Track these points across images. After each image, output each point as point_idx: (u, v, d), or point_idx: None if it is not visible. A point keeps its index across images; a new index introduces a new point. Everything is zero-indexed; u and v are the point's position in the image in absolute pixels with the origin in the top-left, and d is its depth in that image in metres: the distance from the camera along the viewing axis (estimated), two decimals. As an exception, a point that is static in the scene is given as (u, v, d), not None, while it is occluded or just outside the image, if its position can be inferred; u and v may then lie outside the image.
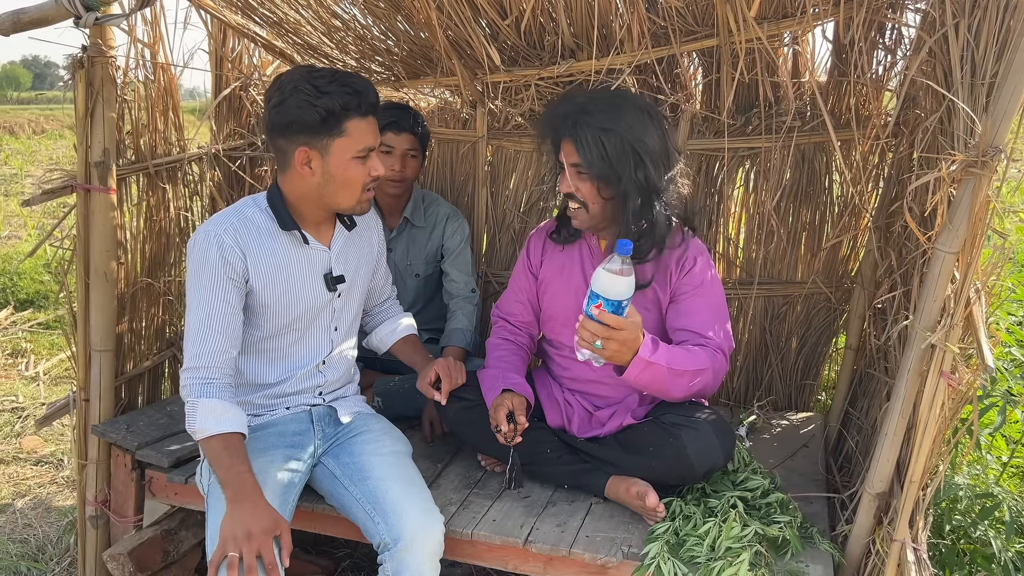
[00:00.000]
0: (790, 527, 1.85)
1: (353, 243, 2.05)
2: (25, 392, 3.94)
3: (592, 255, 2.17)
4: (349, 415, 2.07)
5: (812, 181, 2.67)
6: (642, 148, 1.94)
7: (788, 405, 2.82)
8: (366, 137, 1.83)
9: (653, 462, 1.98)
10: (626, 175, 1.95)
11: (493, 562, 1.96)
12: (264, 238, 1.89)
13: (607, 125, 1.94)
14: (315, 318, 1.99)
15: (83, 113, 2.07)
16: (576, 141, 1.96)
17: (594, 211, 2.02)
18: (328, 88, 1.76)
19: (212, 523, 1.76)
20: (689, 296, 2.05)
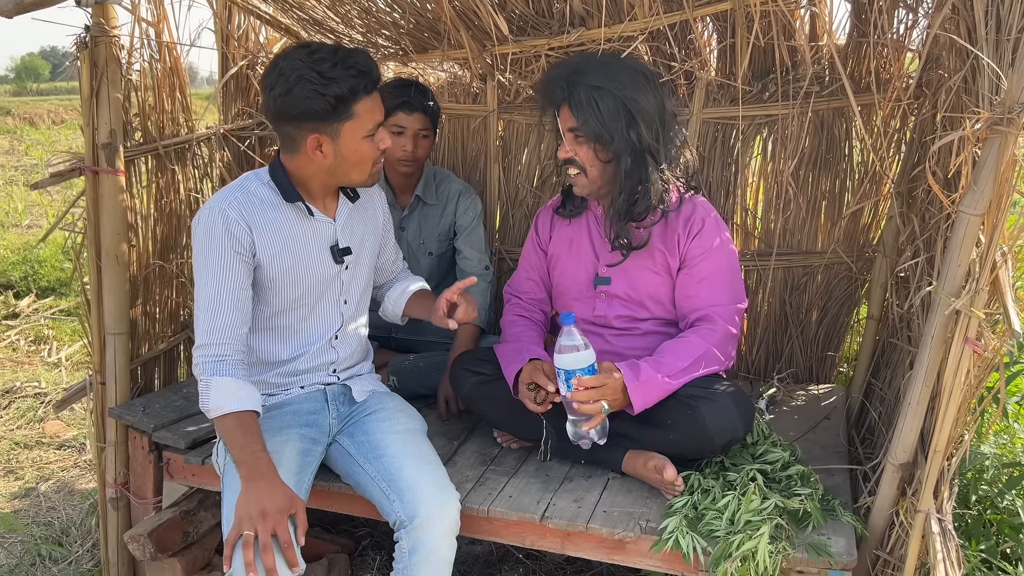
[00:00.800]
0: (811, 499, 1.81)
1: (357, 215, 2.02)
2: (48, 378, 3.97)
3: (599, 224, 2.15)
4: (364, 393, 2.06)
5: (831, 148, 2.61)
6: (634, 107, 1.93)
7: (809, 377, 2.77)
8: (374, 114, 1.81)
9: (671, 435, 1.95)
10: (618, 134, 1.94)
11: (510, 538, 1.95)
12: (269, 211, 1.86)
13: (599, 83, 1.93)
14: (324, 292, 1.97)
15: (88, 94, 2.06)
16: (570, 102, 1.95)
17: (593, 175, 2.01)
18: (333, 73, 1.71)
19: (228, 503, 1.76)
20: (698, 263, 2.04)
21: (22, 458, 3.18)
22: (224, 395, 1.76)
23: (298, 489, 1.81)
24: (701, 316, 2.04)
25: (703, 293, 2.04)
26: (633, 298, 2.12)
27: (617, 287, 2.12)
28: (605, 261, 2.13)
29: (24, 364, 4.25)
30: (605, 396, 1.88)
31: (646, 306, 2.12)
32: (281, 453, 1.83)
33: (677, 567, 1.80)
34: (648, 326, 2.13)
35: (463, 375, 2.17)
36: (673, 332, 2.11)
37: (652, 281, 2.09)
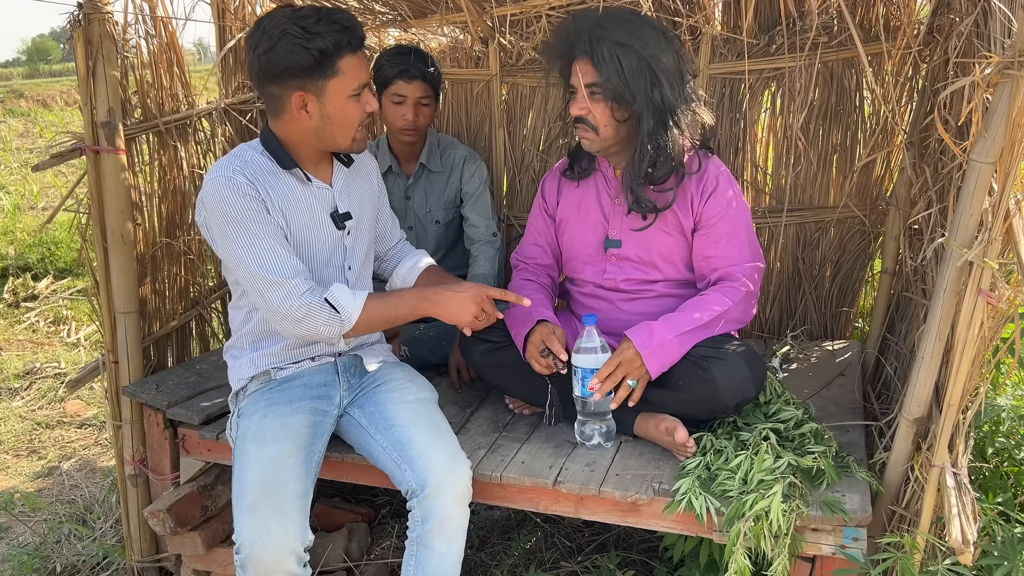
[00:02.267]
0: (824, 457, 1.80)
1: (353, 180, 2.02)
2: (67, 358, 4.03)
3: (608, 185, 2.12)
4: (375, 363, 2.06)
5: (841, 100, 2.55)
6: (658, 66, 1.90)
7: (823, 334, 2.75)
8: (359, 73, 1.79)
9: (683, 396, 1.94)
10: (641, 94, 1.90)
11: (524, 504, 1.95)
12: (270, 178, 1.84)
13: (624, 40, 1.88)
14: (328, 258, 1.96)
15: (84, 73, 2.04)
16: (592, 57, 1.90)
17: (606, 134, 1.98)
18: (316, 28, 1.70)
19: (238, 474, 1.78)
20: (715, 223, 2.02)
21: (44, 438, 3.23)
22: (346, 298, 1.81)
23: (309, 461, 1.82)
24: (722, 275, 2.03)
25: (722, 252, 2.02)
26: (645, 259, 2.09)
27: (628, 249, 2.10)
28: (615, 224, 2.10)
29: (44, 345, 4.31)
30: (624, 372, 1.90)
31: (658, 267, 2.10)
32: (292, 427, 1.84)
33: (691, 528, 1.80)
34: (659, 288, 2.10)
35: (472, 343, 2.16)
36: (684, 294, 2.08)
37: (664, 242, 2.06)
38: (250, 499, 1.72)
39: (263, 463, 1.76)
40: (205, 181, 1.80)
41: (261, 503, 1.70)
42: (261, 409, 1.88)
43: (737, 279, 2.00)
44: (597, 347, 1.93)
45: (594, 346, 1.93)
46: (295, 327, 1.80)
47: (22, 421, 3.38)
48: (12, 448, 3.16)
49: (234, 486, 1.78)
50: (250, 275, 1.79)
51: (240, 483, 1.76)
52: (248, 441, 1.82)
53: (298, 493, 1.75)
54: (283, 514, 1.70)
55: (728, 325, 1.99)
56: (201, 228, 1.87)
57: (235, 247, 1.78)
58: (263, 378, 1.98)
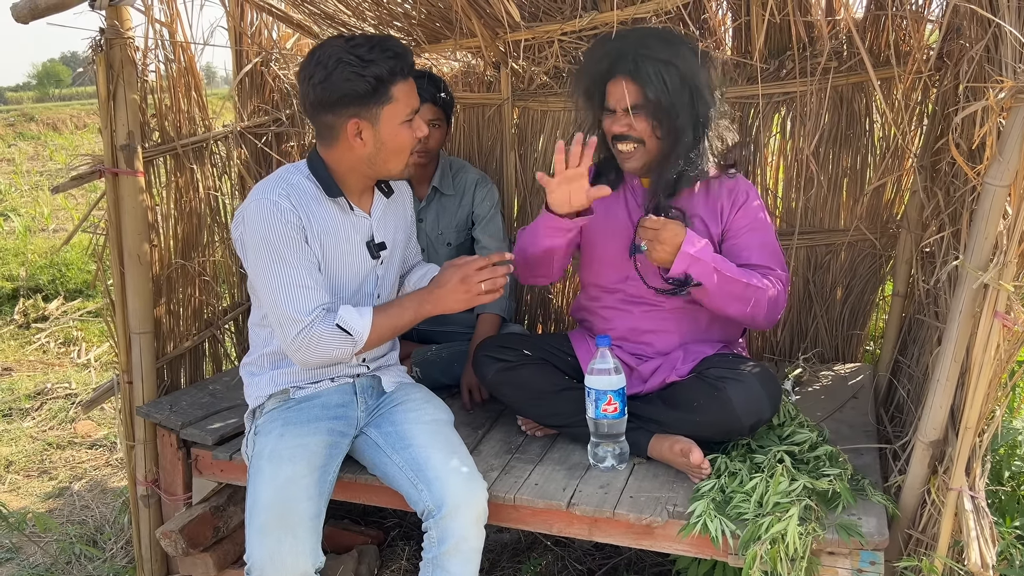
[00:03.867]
0: (840, 480, 1.79)
1: (391, 210, 2.04)
2: (78, 379, 4.04)
3: (635, 194, 2.15)
4: (392, 384, 2.08)
5: (852, 124, 2.57)
6: (696, 82, 1.96)
7: (835, 357, 2.74)
8: (411, 99, 1.83)
9: (698, 418, 1.94)
10: (684, 111, 1.95)
11: (538, 526, 1.95)
12: (313, 204, 1.87)
13: (667, 57, 1.94)
14: (360, 285, 1.98)
15: (105, 96, 2.07)
16: (638, 76, 1.94)
17: (650, 148, 2.02)
18: (371, 56, 1.74)
19: (251, 493, 1.78)
20: (746, 232, 2.06)
21: (55, 458, 3.23)
22: (355, 318, 1.83)
23: (323, 481, 1.82)
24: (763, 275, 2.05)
25: (753, 261, 2.05)
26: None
27: None
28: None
29: (54, 366, 4.32)
30: (658, 238, 1.90)
31: None
32: (308, 447, 1.85)
33: (706, 551, 1.79)
34: (675, 304, 2.10)
35: (486, 362, 2.17)
36: (699, 312, 2.09)
37: None
38: (262, 520, 1.72)
39: (277, 483, 1.76)
40: (249, 199, 1.82)
41: (273, 524, 1.71)
42: (278, 428, 1.89)
43: (770, 276, 2.03)
44: (611, 368, 1.93)
45: (608, 367, 1.93)
46: (308, 356, 1.83)
47: (33, 441, 3.38)
48: (23, 468, 3.17)
49: (247, 505, 1.78)
50: (274, 304, 1.81)
51: (253, 502, 1.76)
52: (264, 460, 1.82)
53: (311, 514, 1.76)
54: (295, 536, 1.70)
55: (757, 304, 1.97)
56: (235, 242, 1.89)
57: (267, 274, 1.80)
58: (281, 396, 1.99)
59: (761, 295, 1.98)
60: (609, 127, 2.04)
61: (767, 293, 1.99)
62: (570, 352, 2.24)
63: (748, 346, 2.63)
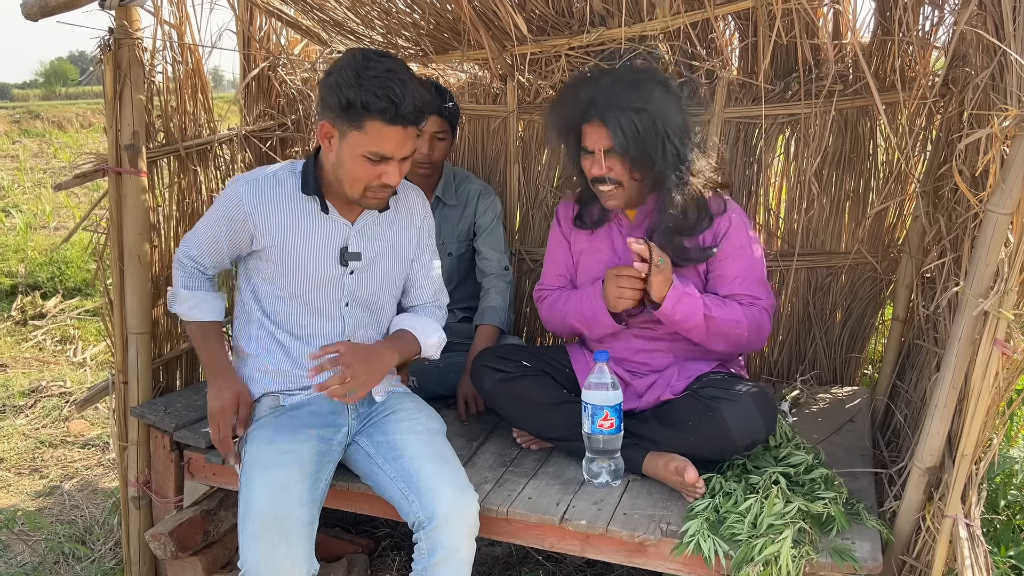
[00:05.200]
0: (835, 503, 1.79)
1: (383, 226, 2.01)
2: (73, 377, 4.02)
3: (621, 228, 2.15)
4: (383, 394, 2.06)
5: (855, 147, 2.57)
6: (670, 125, 1.96)
7: (833, 379, 2.74)
8: (384, 144, 1.78)
9: (693, 436, 1.94)
10: (659, 156, 1.96)
11: (530, 540, 1.94)
12: (284, 200, 1.92)
13: (638, 105, 1.93)
14: (325, 291, 1.98)
15: (112, 96, 2.08)
16: (608, 124, 1.94)
17: (629, 189, 2.03)
18: (367, 83, 1.71)
19: (244, 499, 1.78)
20: (730, 260, 2.06)
21: (47, 456, 3.22)
22: (187, 305, 2.03)
23: (315, 488, 1.82)
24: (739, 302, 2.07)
25: (737, 291, 2.07)
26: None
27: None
28: (628, 262, 2.12)
29: (50, 364, 4.30)
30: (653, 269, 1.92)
31: None
32: (299, 453, 1.84)
33: (698, 571, 1.78)
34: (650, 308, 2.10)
35: (484, 372, 2.16)
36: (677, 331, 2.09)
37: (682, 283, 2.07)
38: (256, 526, 1.71)
39: (270, 490, 1.75)
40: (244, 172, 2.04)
41: (267, 530, 1.70)
42: (268, 435, 1.88)
43: (754, 305, 2.06)
44: (608, 383, 1.93)
45: (605, 382, 1.93)
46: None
47: (25, 439, 3.37)
48: (14, 466, 3.15)
49: (240, 511, 1.77)
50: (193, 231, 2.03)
51: (246, 509, 1.75)
52: (256, 467, 1.81)
53: (304, 521, 1.75)
54: (289, 542, 1.69)
55: (738, 337, 2.02)
56: None
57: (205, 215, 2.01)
58: (271, 403, 1.98)
59: (740, 327, 2.01)
60: (588, 169, 2.05)
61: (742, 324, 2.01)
62: (568, 365, 2.24)
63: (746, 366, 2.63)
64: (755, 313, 2.05)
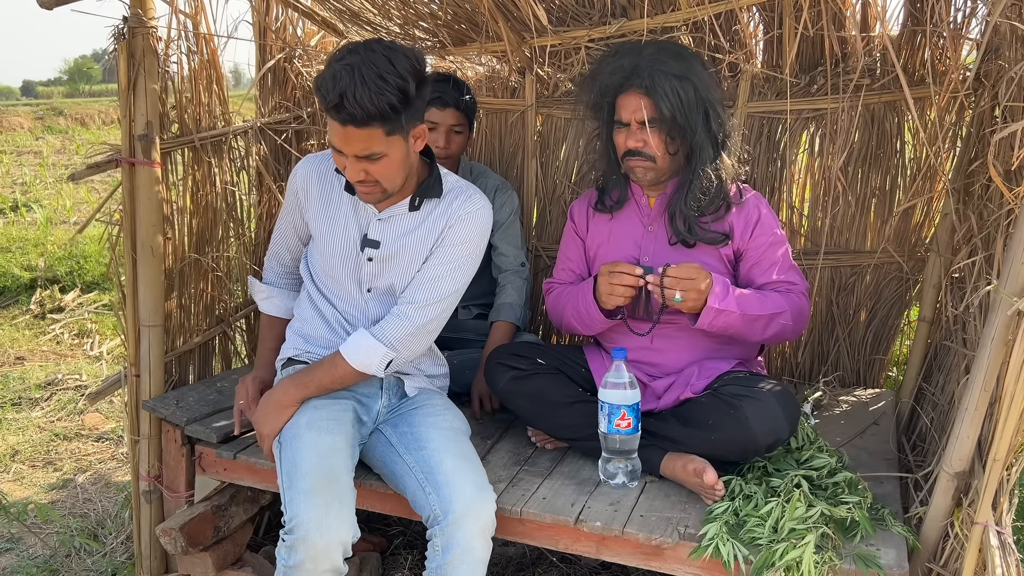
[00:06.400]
0: (859, 508, 1.73)
1: (412, 223, 1.93)
2: (89, 371, 4.02)
3: (641, 213, 2.11)
4: (415, 389, 2.07)
5: (882, 143, 2.51)
6: (710, 97, 1.95)
7: (856, 381, 2.67)
8: (333, 135, 1.74)
9: (713, 436, 1.88)
10: (700, 126, 1.94)
11: (544, 541, 1.89)
12: (328, 176, 1.98)
13: (682, 73, 1.92)
14: (348, 272, 1.98)
15: (125, 85, 2.05)
16: (652, 92, 1.92)
17: (661, 166, 2.00)
18: (327, 71, 1.67)
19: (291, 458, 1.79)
20: (763, 252, 2.04)
21: (61, 449, 3.21)
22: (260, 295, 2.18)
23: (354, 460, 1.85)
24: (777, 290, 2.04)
25: (774, 278, 2.04)
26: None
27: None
28: (648, 251, 2.08)
29: (67, 357, 4.31)
30: (689, 287, 1.88)
31: None
32: (343, 423, 1.86)
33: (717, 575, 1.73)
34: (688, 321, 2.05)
35: (498, 370, 2.12)
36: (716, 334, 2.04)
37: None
38: (308, 482, 1.70)
39: (320, 451, 1.77)
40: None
41: (321, 488, 1.70)
42: (313, 400, 1.90)
43: (793, 291, 2.03)
44: (625, 383, 1.88)
45: (622, 381, 1.88)
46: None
47: (40, 432, 3.37)
48: (29, 459, 3.15)
49: (285, 471, 1.78)
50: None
51: (294, 467, 1.75)
52: (302, 428, 1.82)
53: (350, 486, 1.77)
54: (342, 502, 1.71)
55: (781, 327, 1.98)
56: None
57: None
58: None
59: (784, 317, 1.98)
60: (622, 142, 2.01)
61: (786, 315, 1.98)
62: (584, 364, 2.20)
63: (767, 365, 2.57)
64: (795, 299, 2.02)
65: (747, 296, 1.95)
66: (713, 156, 1.98)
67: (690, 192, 1.99)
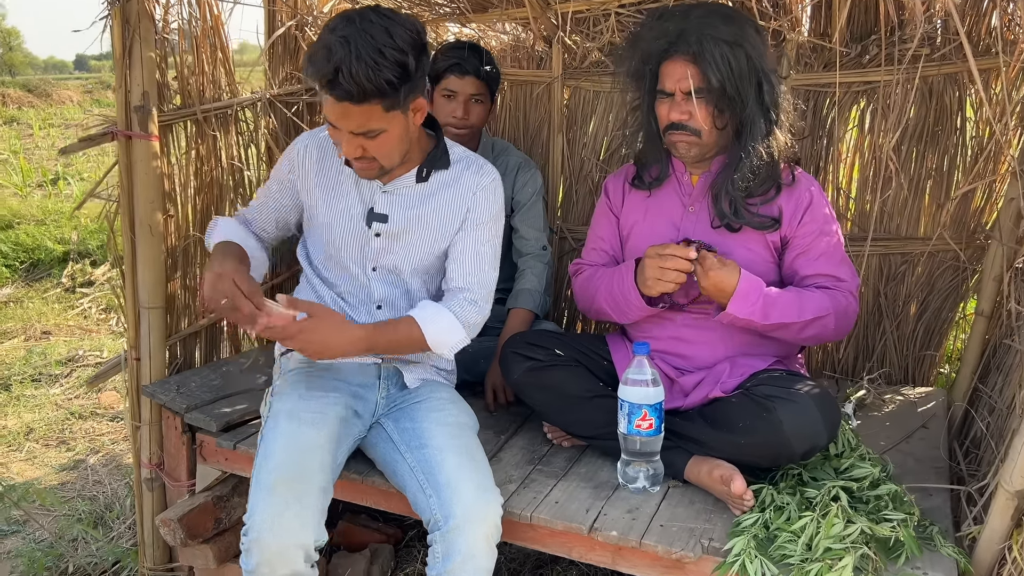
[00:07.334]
0: (905, 526, 1.56)
1: (422, 196, 1.84)
2: (112, 347, 3.99)
3: (682, 194, 1.94)
4: (416, 381, 1.93)
5: (940, 120, 2.30)
6: (765, 67, 1.77)
7: (903, 379, 2.48)
8: (327, 111, 1.63)
9: (743, 439, 1.72)
10: (752, 99, 1.77)
11: (556, 548, 1.76)
12: (330, 150, 1.87)
13: (734, 39, 1.73)
14: (350, 250, 1.87)
15: (120, 53, 1.93)
16: (700, 58, 1.74)
17: (708, 140, 1.83)
18: (319, 41, 1.55)
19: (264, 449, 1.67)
20: (813, 239, 1.86)
21: (75, 429, 3.17)
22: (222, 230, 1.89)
23: (336, 459, 1.71)
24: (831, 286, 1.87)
25: (823, 271, 1.86)
26: None
27: None
28: (688, 233, 1.90)
29: (92, 332, 4.29)
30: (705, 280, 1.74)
31: None
32: (328, 417, 1.73)
33: (742, 595, 1.58)
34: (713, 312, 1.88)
35: (514, 360, 1.97)
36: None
37: (744, 257, 1.86)
38: (272, 479, 1.60)
39: (294, 444, 1.65)
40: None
41: (282, 486, 1.58)
42: (300, 390, 1.79)
43: (841, 289, 1.85)
44: (648, 380, 1.73)
45: (644, 379, 1.73)
46: None
47: (56, 410, 3.33)
48: (43, 437, 3.11)
49: (256, 462, 1.66)
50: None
51: (264, 459, 1.64)
52: (282, 417, 1.71)
53: (321, 487, 1.64)
54: (302, 503, 1.58)
55: (819, 331, 1.81)
56: None
57: None
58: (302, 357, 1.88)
59: (827, 321, 1.80)
60: (665, 114, 1.84)
61: (828, 320, 1.80)
62: (607, 356, 2.04)
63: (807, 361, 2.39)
64: (840, 299, 1.83)
65: (780, 301, 1.77)
66: (765, 131, 1.79)
67: (738, 171, 1.80)
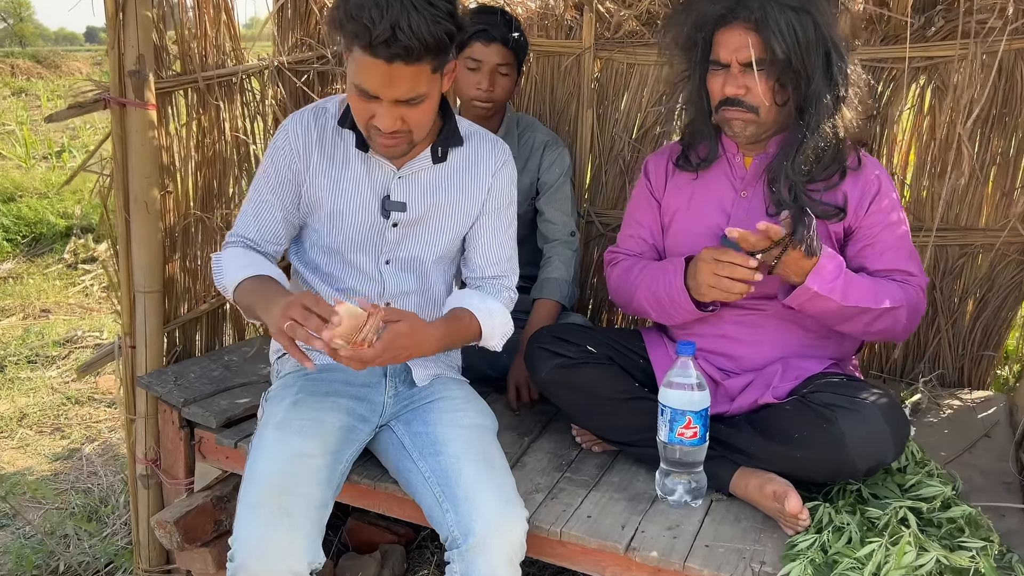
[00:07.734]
0: (985, 555, 1.39)
1: (440, 179, 1.68)
2: (111, 328, 3.85)
3: (734, 177, 1.75)
4: (426, 377, 1.75)
5: (1008, 100, 2.10)
6: (834, 37, 1.59)
7: (959, 381, 2.30)
8: (365, 77, 1.44)
9: (799, 453, 1.55)
10: (819, 72, 1.59)
11: (587, 567, 1.59)
12: (333, 136, 1.66)
13: (800, 4, 1.57)
14: (363, 242, 1.69)
15: (113, 12, 1.76)
16: (763, 27, 1.57)
17: (765, 119, 1.65)
18: (374, 9, 1.36)
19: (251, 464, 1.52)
20: (880, 232, 1.68)
21: (71, 414, 3.02)
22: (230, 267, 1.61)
23: (334, 469, 1.56)
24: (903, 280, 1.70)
25: (889, 266, 1.69)
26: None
27: None
28: (739, 221, 1.71)
29: (93, 311, 4.15)
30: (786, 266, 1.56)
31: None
32: (323, 424, 1.58)
33: (798, 627, 1.41)
34: (777, 308, 1.70)
35: (541, 356, 1.80)
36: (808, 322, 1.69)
37: None
38: (258, 495, 1.44)
39: (282, 456, 1.50)
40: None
41: (269, 502, 1.43)
42: (292, 395, 1.64)
43: (910, 283, 1.68)
44: (693, 384, 1.55)
45: (689, 382, 1.55)
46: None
47: (52, 394, 3.18)
48: (37, 423, 2.96)
49: (244, 475, 1.51)
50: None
51: (250, 472, 1.49)
52: (270, 428, 1.56)
53: (315, 502, 1.48)
54: (292, 521, 1.42)
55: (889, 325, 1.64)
56: None
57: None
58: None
59: (899, 313, 1.62)
60: (718, 87, 1.65)
61: (900, 312, 1.63)
62: (643, 354, 1.86)
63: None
64: (912, 294, 1.67)
65: (859, 283, 1.60)
66: (832, 109, 1.61)
67: (800, 152, 1.62)
